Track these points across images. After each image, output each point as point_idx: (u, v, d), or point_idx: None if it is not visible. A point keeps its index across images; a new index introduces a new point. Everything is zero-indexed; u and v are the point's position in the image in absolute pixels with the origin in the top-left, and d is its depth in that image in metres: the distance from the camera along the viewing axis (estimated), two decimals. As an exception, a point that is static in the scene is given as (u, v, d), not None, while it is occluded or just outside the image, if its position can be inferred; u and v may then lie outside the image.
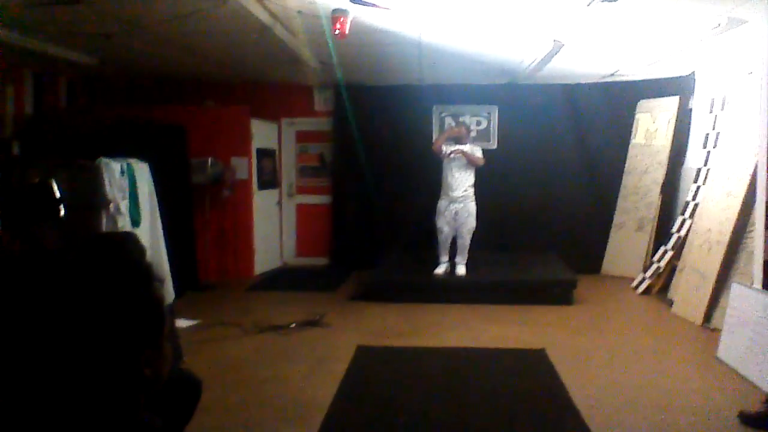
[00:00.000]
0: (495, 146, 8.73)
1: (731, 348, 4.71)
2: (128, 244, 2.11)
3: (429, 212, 7.14)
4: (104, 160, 5.41)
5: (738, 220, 5.66)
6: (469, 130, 7.32)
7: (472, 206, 6.95)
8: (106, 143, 5.96)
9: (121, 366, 1.03)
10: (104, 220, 5.35)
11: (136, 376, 1.05)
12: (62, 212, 4.50)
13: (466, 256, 7.04)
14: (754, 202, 4.90)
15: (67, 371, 1.00)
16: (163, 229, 6.13)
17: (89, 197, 5.30)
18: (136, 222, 5.62)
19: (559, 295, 6.75)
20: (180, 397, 2.36)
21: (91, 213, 5.33)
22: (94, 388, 1.01)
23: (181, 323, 5.75)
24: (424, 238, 7.52)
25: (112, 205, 5.36)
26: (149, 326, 1.08)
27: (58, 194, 4.55)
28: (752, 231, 5.29)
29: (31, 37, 5.93)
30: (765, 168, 4.54)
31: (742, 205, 5.63)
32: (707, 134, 6.86)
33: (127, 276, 1.08)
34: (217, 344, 5.37)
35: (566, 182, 8.57)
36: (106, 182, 5.36)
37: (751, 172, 5.48)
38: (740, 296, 4.76)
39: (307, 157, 9.32)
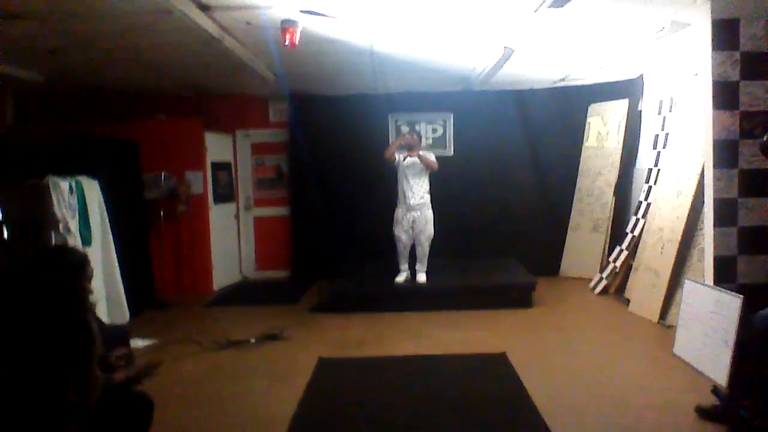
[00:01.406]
0: (451, 153, 8.78)
1: (686, 343, 4.80)
2: (62, 264, 2.04)
3: (388, 221, 7.11)
4: (52, 179, 5.27)
5: (689, 218, 5.79)
6: (420, 137, 7.33)
7: (429, 213, 6.96)
8: (55, 161, 5.81)
9: (42, 391, 0.98)
10: (54, 240, 5.21)
11: (61, 402, 1.00)
12: (5, 234, 4.36)
13: (425, 263, 7.04)
14: (704, 200, 5.01)
15: None
16: (117, 246, 6.00)
17: (37, 217, 5.16)
18: (86, 241, 5.49)
19: (519, 298, 6.80)
20: (130, 419, 2.28)
21: (39, 233, 5.18)
22: (14, 414, 0.96)
23: (138, 343, 5.60)
24: (384, 247, 7.49)
25: (61, 224, 5.21)
26: (74, 351, 1.03)
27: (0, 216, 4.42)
28: (702, 229, 5.41)
29: (-29, 55, 5.77)
30: (712, 167, 4.64)
31: (692, 204, 5.76)
32: (657, 135, 7.01)
33: (49, 299, 1.03)
34: (176, 363, 5.25)
35: (522, 187, 8.66)
36: (55, 201, 5.22)
37: (699, 170, 5.62)
38: (693, 292, 4.85)
39: (264, 169, 9.23)
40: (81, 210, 5.49)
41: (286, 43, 5.00)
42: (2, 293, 1.02)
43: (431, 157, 7.00)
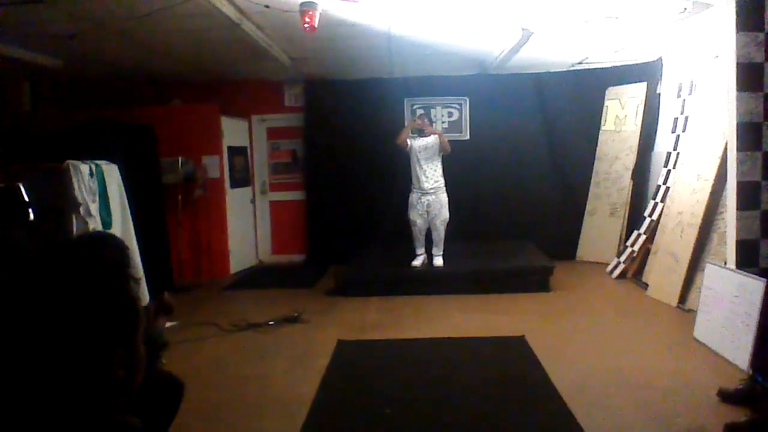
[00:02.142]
0: (467, 137, 8.76)
1: (707, 327, 4.78)
2: (105, 243, 2.05)
3: (404, 204, 7.12)
4: (72, 163, 5.30)
5: (709, 201, 5.74)
6: (431, 121, 7.32)
7: (443, 197, 6.95)
8: (74, 145, 5.84)
9: (92, 366, 0.99)
10: (75, 223, 5.24)
11: (108, 377, 1.01)
12: (31, 216, 4.39)
13: (441, 247, 7.04)
14: (725, 183, 4.96)
15: (35, 370, 0.96)
16: (136, 230, 6.03)
17: (58, 200, 5.19)
18: (107, 224, 5.53)
19: (536, 282, 6.79)
20: (162, 399, 2.31)
21: (60, 216, 5.22)
22: (64, 389, 0.98)
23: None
24: (401, 231, 7.49)
25: (82, 208, 5.25)
26: (121, 326, 1.04)
27: (26, 198, 4.44)
28: (723, 213, 5.37)
29: (-10, 40, 5.80)
30: (735, 149, 4.60)
31: (712, 187, 5.70)
32: (676, 118, 6.95)
33: (97, 275, 1.04)
34: (196, 345, 5.30)
35: (539, 170, 8.62)
36: (75, 185, 5.25)
37: (720, 154, 5.57)
38: (715, 276, 4.82)
39: (280, 153, 9.25)
40: (101, 193, 5.52)
41: (306, 26, 4.99)
42: (53, 270, 1.03)
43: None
